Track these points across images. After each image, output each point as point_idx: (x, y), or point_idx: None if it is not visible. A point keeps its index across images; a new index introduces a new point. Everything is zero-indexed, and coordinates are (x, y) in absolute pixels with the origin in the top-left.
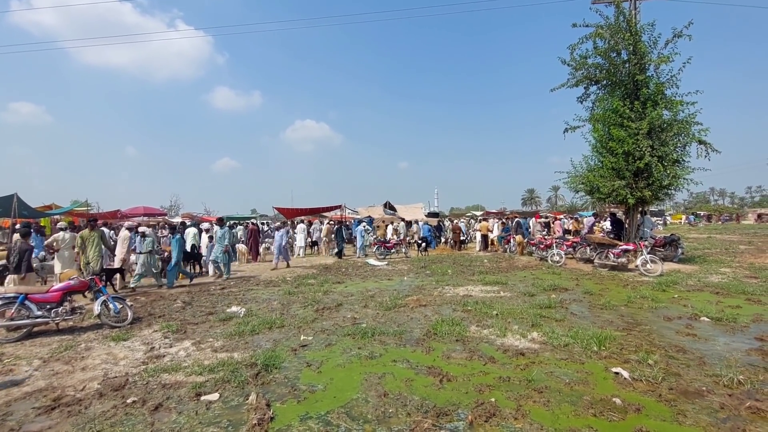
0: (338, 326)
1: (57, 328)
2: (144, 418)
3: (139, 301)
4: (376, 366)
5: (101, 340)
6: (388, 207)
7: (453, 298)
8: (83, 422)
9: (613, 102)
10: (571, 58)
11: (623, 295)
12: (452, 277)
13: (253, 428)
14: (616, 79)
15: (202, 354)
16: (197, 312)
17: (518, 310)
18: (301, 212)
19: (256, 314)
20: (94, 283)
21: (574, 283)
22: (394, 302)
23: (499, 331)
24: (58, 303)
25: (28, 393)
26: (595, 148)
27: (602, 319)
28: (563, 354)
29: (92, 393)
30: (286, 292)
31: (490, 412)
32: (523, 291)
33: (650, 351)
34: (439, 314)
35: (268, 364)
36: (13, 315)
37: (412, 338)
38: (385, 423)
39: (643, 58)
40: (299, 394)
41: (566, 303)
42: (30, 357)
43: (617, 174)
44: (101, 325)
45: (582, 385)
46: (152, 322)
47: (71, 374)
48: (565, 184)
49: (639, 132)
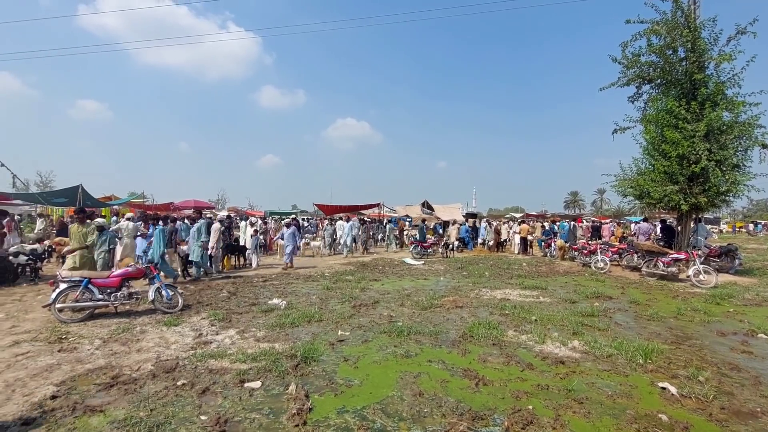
0: (375, 323)
1: (115, 311)
2: (192, 400)
3: (189, 289)
4: (412, 365)
5: (154, 325)
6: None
7: (490, 301)
8: (138, 400)
9: (667, 102)
10: (622, 55)
11: (673, 307)
12: (489, 280)
13: (292, 417)
14: (672, 77)
15: (245, 343)
16: (241, 302)
17: (558, 317)
18: (340, 209)
19: (295, 307)
20: (150, 270)
21: (620, 291)
22: (430, 302)
23: (538, 337)
24: (117, 288)
25: (90, 370)
26: (646, 151)
27: (649, 330)
28: (606, 365)
29: (146, 373)
30: (324, 287)
31: (527, 420)
32: (564, 297)
33: (701, 367)
34: (476, 316)
35: (307, 357)
36: (78, 297)
37: (448, 339)
38: (420, 422)
39: (702, 55)
40: (336, 388)
41: (610, 312)
42: (92, 337)
43: (670, 178)
44: (154, 310)
45: (625, 398)
46: (200, 309)
47: (128, 355)
48: (613, 187)
49: (695, 134)
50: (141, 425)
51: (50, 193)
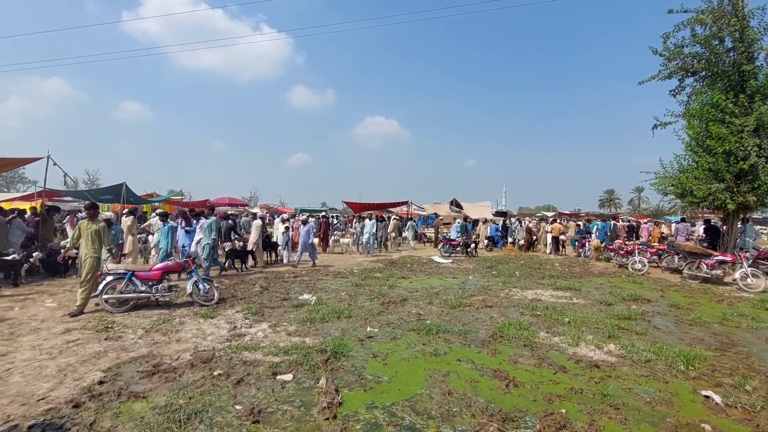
0: (403, 321)
1: (156, 303)
2: (228, 390)
3: (223, 283)
4: (440, 363)
5: (192, 317)
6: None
7: (521, 302)
8: (177, 388)
9: (713, 95)
10: (664, 47)
11: (717, 312)
12: (520, 280)
13: (323, 411)
14: (718, 69)
15: (277, 336)
16: (273, 297)
17: (593, 319)
18: (369, 207)
19: (325, 303)
20: (188, 264)
21: (659, 294)
22: (459, 301)
23: (571, 339)
24: (158, 281)
25: (133, 358)
26: (689, 147)
27: (691, 335)
28: (644, 370)
29: (185, 363)
30: (353, 284)
31: (560, 423)
32: (599, 299)
33: (748, 375)
34: (506, 317)
35: (336, 352)
36: (123, 289)
37: (477, 339)
38: (449, 421)
39: (751, 45)
40: (366, 384)
41: (648, 315)
42: (135, 327)
43: (715, 176)
44: (192, 302)
45: (665, 405)
46: (234, 303)
47: (168, 344)
48: (652, 185)
49: (744, 129)
50: (180, 412)
51: (97, 191)
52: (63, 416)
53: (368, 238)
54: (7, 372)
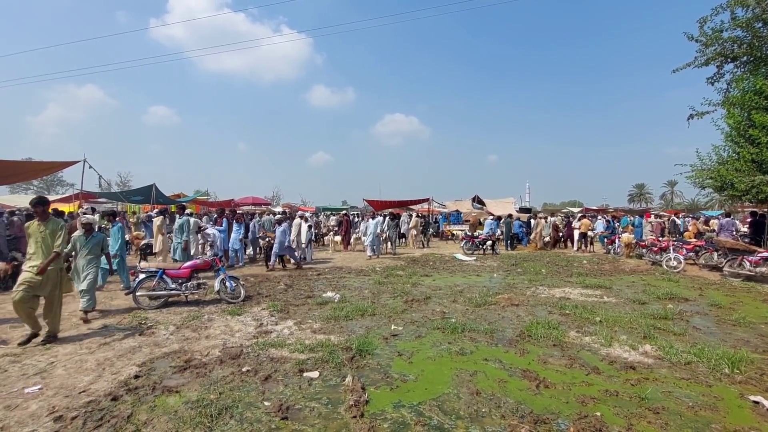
0: (427, 319)
1: (186, 300)
2: (256, 386)
3: (249, 281)
4: (467, 363)
5: (220, 314)
6: (476, 201)
7: (548, 300)
8: (208, 383)
9: (756, 81)
10: (700, 32)
11: (763, 311)
12: (547, 277)
13: (350, 408)
14: (762, 54)
15: (303, 334)
16: (297, 295)
17: (626, 319)
18: (389, 204)
19: (349, 301)
20: (216, 263)
21: (697, 293)
22: (483, 299)
23: (604, 339)
24: (187, 278)
25: (166, 353)
26: (729, 137)
27: (734, 337)
28: (684, 373)
29: (214, 359)
30: (376, 282)
31: (595, 427)
32: (632, 298)
33: None
34: (533, 315)
35: (362, 350)
36: (154, 286)
37: (504, 338)
38: (479, 422)
39: None
40: (392, 382)
41: (687, 315)
42: (167, 323)
43: (759, 167)
44: (219, 300)
45: (709, 410)
46: (260, 300)
47: (198, 341)
48: (689, 179)
49: None
50: (212, 407)
51: (129, 192)
52: (102, 408)
53: (372, 239)
54: (51, 365)
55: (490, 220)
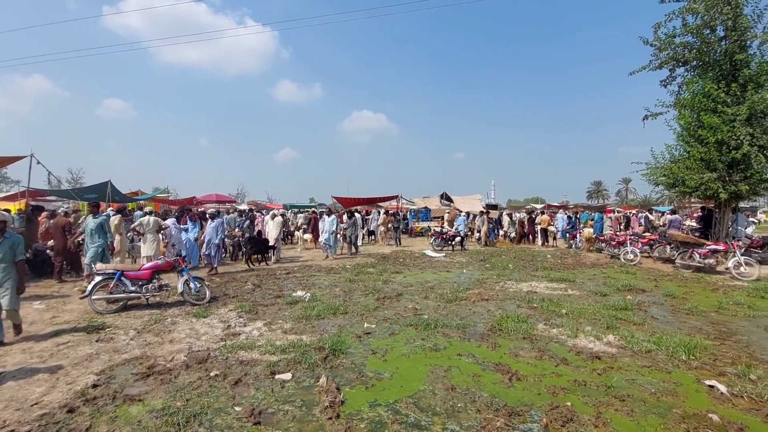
0: (400, 316)
1: (147, 303)
2: (226, 391)
3: (214, 281)
4: (441, 359)
5: (184, 316)
6: (444, 198)
7: (516, 294)
8: (174, 390)
9: (705, 85)
10: (655, 37)
11: (713, 300)
12: (514, 272)
13: (325, 410)
14: (710, 59)
15: (273, 335)
16: (266, 294)
17: (590, 310)
18: (358, 201)
19: (320, 299)
20: (178, 263)
21: (653, 284)
22: (455, 295)
23: (570, 331)
24: (148, 280)
25: (126, 360)
26: (681, 137)
27: (689, 325)
28: (645, 361)
29: (180, 364)
30: (347, 280)
31: (566, 417)
32: (594, 290)
33: (751, 364)
34: (503, 310)
35: (335, 349)
36: (112, 289)
37: (477, 333)
38: (455, 417)
39: (744, 34)
40: (367, 381)
41: (645, 305)
42: (126, 327)
43: (707, 165)
44: (183, 302)
45: (670, 396)
46: (227, 301)
47: (161, 345)
48: (644, 176)
49: (736, 118)
50: (178, 415)
51: (82, 189)
52: (58, 421)
53: (327, 236)
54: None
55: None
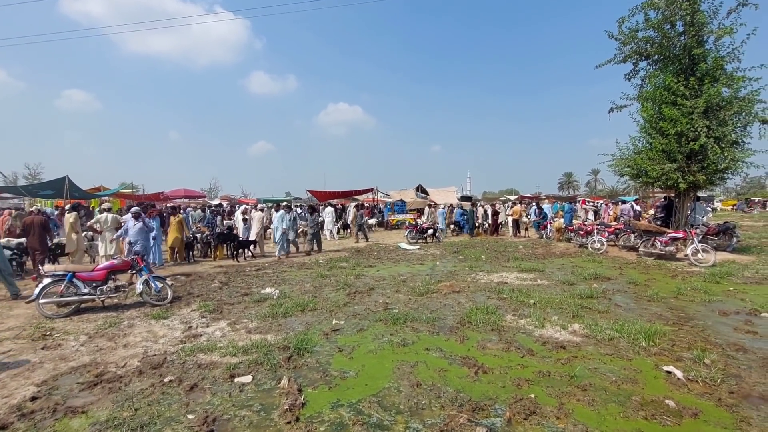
0: (370, 311)
1: (103, 305)
2: (179, 398)
3: (179, 280)
4: (409, 354)
5: (143, 318)
6: (420, 190)
7: (487, 285)
8: (122, 399)
9: (665, 78)
10: (619, 31)
11: (672, 287)
12: (486, 263)
13: (284, 414)
14: (670, 53)
15: (236, 335)
16: (233, 292)
17: (557, 300)
18: (333, 195)
19: (289, 296)
20: (136, 262)
21: (618, 272)
22: (426, 288)
23: (537, 321)
24: (103, 281)
25: (73, 368)
26: (643, 129)
27: (650, 311)
28: (608, 349)
29: (132, 370)
30: (318, 275)
31: (529, 409)
32: (562, 279)
33: (706, 349)
34: (474, 301)
35: (300, 348)
36: (63, 291)
37: (446, 326)
38: (418, 415)
39: (701, 29)
40: (330, 380)
41: (609, 293)
42: (77, 332)
43: (668, 156)
44: (143, 303)
45: (630, 383)
46: (191, 301)
47: (114, 351)
48: (609, 167)
49: (694, 111)
50: (124, 426)
51: (36, 186)
52: None
53: (280, 235)
54: None
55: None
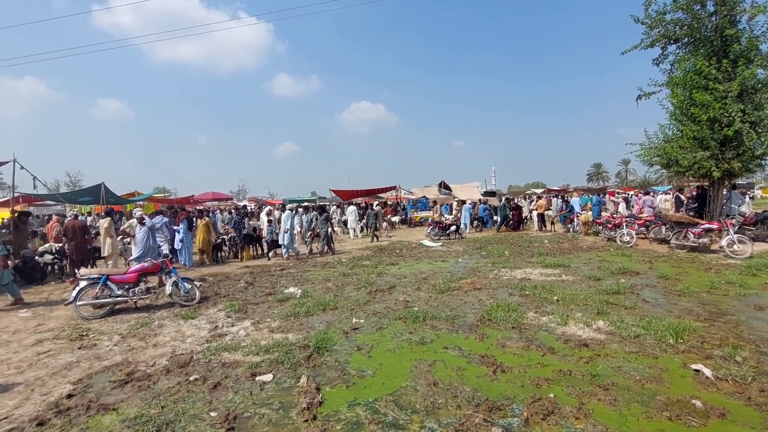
0: (390, 309)
1: (135, 306)
2: (203, 396)
3: (207, 281)
4: (427, 352)
5: (172, 318)
6: (443, 187)
7: (509, 282)
8: (150, 397)
9: (696, 62)
10: (645, 15)
11: (705, 280)
12: (509, 259)
13: (302, 412)
14: (700, 35)
15: (259, 334)
16: (258, 292)
17: (582, 296)
18: (357, 194)
19: (311, 295)
20: (166, 264)
21: (647, 266)
22: (447, 285)
23: (560, 318)
24: (134, 283)
25: (107, 367)
26: (673, 116)
27: (680, 307)
28: (633, 346)
29: (161, 369)
30: (341, 274)
31: (548, 409)
32: (588, 275)
33: (738, 346)
34: (495, 298)
35: (320, 347)
36: (98, 294)
37: (465, 324)
38: (434, 415)
39: (733, 8)
40: (348, 379)
41: (637, 288)
42: (111, 333)
43: (700, 144)
44: (173, 304)
45: (655, 382)
46: (217, 301)
47: (144, 350)
48: (638, 157)
49: (728, 95)
50: (151, 423)
51: (75, 193)
52: None
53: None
54: None
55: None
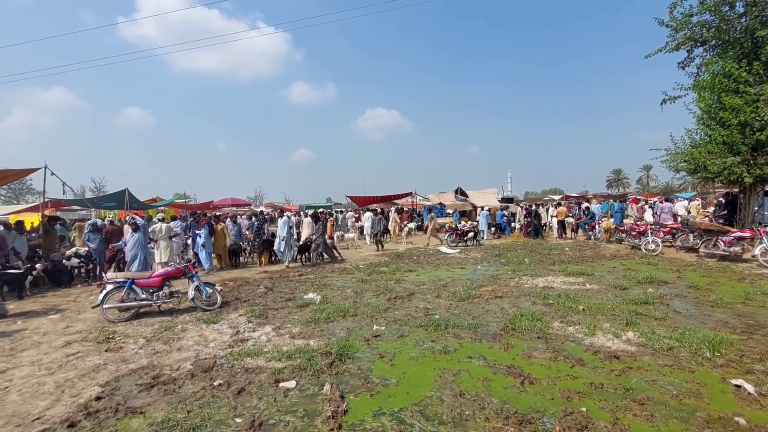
0: (411, 316)
1: (159, 310)
2: (228, 401)
3: (228, 285)
4: (451, 362)
5: (195, 322)
6: (459, 193)
7: (531, 290)
8: (176, 401)
9: (725, 65)
10: (670, 17)
11: (739, 291)
12: (530, 267)
13: (327, 420)
14: (729, 37)
15: (281, 340)
16: (278, 298)
17: (608, 306)
18: (372, 200)
19: (330, 301)
20: (188, 269)
21: (675, 275)
22: (467, 292)
23: (587, 329)
24: (158, 287)
25: (133, 370)
26: (701, 120)
27: (714, 318)
28: (667, 359)
29: (185, 373)
30: (359, 280)
31: (581, 424)
32: (613, 284)
33: None
34: (517, 307)
35: (342, 354)
36: (123, 297)
37: (489, 333)
38: (462, 426)
39: (764, 9)
40: (372, 388)
41: (667, 298)
42: (136, 336)
43: (730, 149)
44: (195, 308)
45: (693, 398)
46: (238, 306)
47: (168, 354)
48: (664, 162)
49: (760, 98)
50: (178, 428)
51: (100, 198)
52: None
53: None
54: (4, 390)
55: (485, 211)
